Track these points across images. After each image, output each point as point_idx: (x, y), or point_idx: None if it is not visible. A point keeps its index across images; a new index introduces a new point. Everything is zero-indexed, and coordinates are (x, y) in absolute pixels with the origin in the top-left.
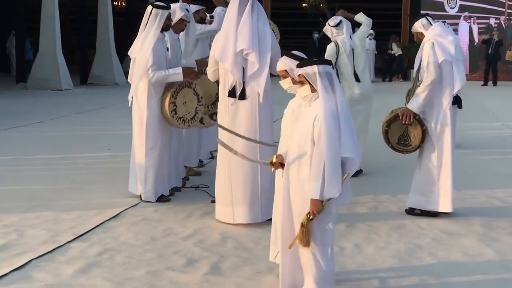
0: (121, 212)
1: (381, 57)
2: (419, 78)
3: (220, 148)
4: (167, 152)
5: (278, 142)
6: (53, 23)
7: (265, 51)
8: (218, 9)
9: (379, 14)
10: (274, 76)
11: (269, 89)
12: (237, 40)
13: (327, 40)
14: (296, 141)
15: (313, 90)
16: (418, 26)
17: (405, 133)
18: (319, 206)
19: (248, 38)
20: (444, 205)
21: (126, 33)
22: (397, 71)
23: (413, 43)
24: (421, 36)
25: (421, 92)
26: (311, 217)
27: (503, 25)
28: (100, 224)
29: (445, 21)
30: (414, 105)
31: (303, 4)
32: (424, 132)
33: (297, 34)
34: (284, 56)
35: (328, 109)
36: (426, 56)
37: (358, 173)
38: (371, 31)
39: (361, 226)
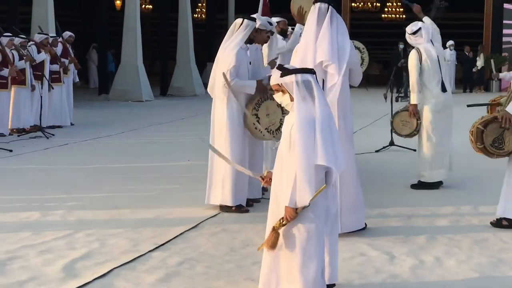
0: (200, 222)
1: (462, 68)
2: None
3: None
4: (246, 162)
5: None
6: (135, 35)
7: (342, 61)
8: (296, 27)
9: (459, 24)
10: (353, 87)
11: (348, 99)
12: (316, 52)
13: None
14: (279, 149)
15: (292, 99)
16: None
17: (501, 136)
18: (292, 213)
19: (328, 50)
20: None
21: (205, 45)
22: (478, 83)
23: (495, 53)
24: None
25: None
26: (284, 222)
27: None
28: (180, 234)
29: None
30: None
31: (382, 15)
32: None
33: (382, 45)
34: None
35: (302, 117)
36: None
37: (438, 185)
38: (451, 42)
39: (442, 239)
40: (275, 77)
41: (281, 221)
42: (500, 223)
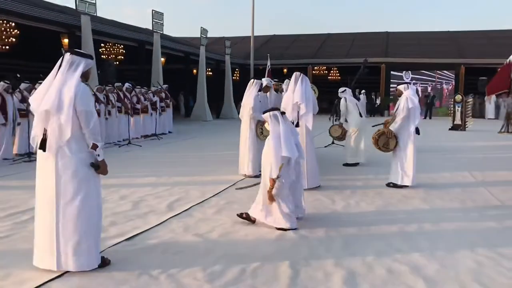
0: (236, 182)
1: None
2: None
3: None
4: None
5: None
6: (203, 87)
7: (309, 102)
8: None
9: (367, 80)
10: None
11: (311, 121)
12: (294, 96)
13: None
14: (264, 150)
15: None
16: (401, 87)
17: (387, 142)
18: (272, 181)
19: (300, 95)
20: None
21: (239, 93)
22: (378, 112)
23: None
24: (399, 93)
25: (397, 122)
26: (271, 186)
27: (432, 88)
28: (225, 189)
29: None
30: (393, 127)
31: (328, 77)
32: (397, 142)
33: (327, 93)
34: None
35: (272, 133)
36: (402, 104)
37: (356, 164)
38: (364, 90)
39: (359, 191)
40: (265, 115)
41: (270, 186)
42: (389, 184)
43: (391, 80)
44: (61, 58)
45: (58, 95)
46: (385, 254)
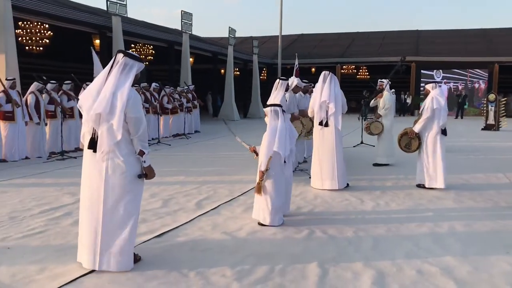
0: None
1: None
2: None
3: (315, 148)
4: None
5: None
6: (230, 87)
7: (338, 101)
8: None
9: (397, 80)
10: (343, 114)
11: (340, 120)
12: (322, 96)
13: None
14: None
15: None
16: (429, 87)
17: (409, 142)
18: (260, 174)
19: (328, 94)
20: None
21: (267, 92)
22: (408, 111)
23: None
24: (426, 91)
25: (421, 123)
26: (260, 179)
27: (464, 87)
28: (252, 188)
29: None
30: (417, 128)
31: (357, 76)
32: (420, 143)
33: (356, 92)
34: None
35: (269, 127)
36: (427, 104)
37: (386, 165)
38: (393, 90)
39: (389, 192)
40: (267, 109)
41: (260, 178)
42: (419, 185)
43: (422, 79)
44: (112, 59)
45: (111, 99)
46: (415, 255)
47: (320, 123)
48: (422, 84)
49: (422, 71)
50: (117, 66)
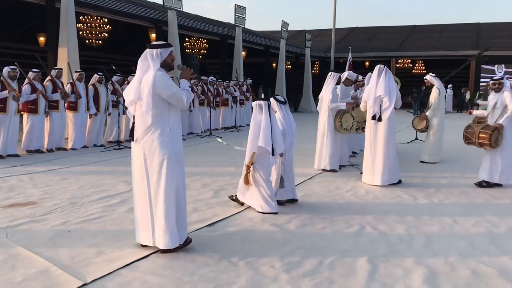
0: (312, 176)
1: (456, 99)
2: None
3: (367, 142)
4: (338, 148)
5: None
6: (282, 80)
7: (392, 96)
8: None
9: (455, 75)
10: (396, 109)
11: (394, 115)
12: (377, 90)
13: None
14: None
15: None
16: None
17: (497, 138)
18: (245, 167)
19: (383, 89)
20: None
21: (319, 86)
22: (466, 108)
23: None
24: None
25: (508, 117)
26: (246, 171)
27: None
28: (302, 182)
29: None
30: (504, 122)
31: (413, 71)
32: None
33: (410, 86)
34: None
35: (253, 121)
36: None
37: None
38: (451, 85)
39: (443, 190)
40: (252, 104)
41: (246, 171)
42: (481, 184)
43: (482, 74)
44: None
45: (139, 86)
46: (469, 254)
47: (373, 118)
48: (482, 80)
49: (482, 66)
50: (142, 58)
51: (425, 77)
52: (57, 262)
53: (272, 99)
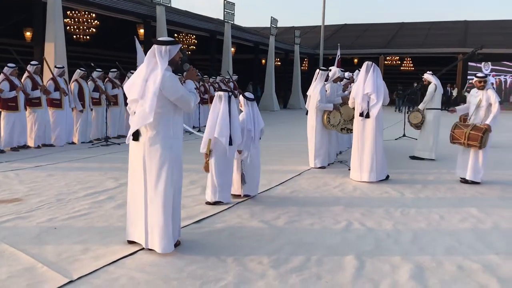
0: (302, 172)
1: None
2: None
3: (354, 139)
4: (325, 144)
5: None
6: (271, 78)
7: (380, 93)
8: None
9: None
10: (384, 105)
11: (381, 112)
12: (365, 87)
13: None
14: None
15: None
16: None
17: (486, 138)
18: (205, 156)
19: (371, 86)
20: None
21: (308, 82)
22: (452, 105)
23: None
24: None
25: (496, 117)
26: (206, 159)
27: None
28: (291, 178)
29: None
30: (491, 122)
31: (401, 68)
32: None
33: (398, 83)
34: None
35: (212, 112)
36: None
37: (429, 159)
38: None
39: (430, 186)
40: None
41: (205, 159)
42: (466, 181)
43: (469, 72)
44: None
45: (144, 84)
46: (456, 250)
47: (361, 114)
48: (469, 78)
49: (469, 63)
50: (149, 55)
51: (423, 76)
52: (42, 259)
53: (240, 96)
